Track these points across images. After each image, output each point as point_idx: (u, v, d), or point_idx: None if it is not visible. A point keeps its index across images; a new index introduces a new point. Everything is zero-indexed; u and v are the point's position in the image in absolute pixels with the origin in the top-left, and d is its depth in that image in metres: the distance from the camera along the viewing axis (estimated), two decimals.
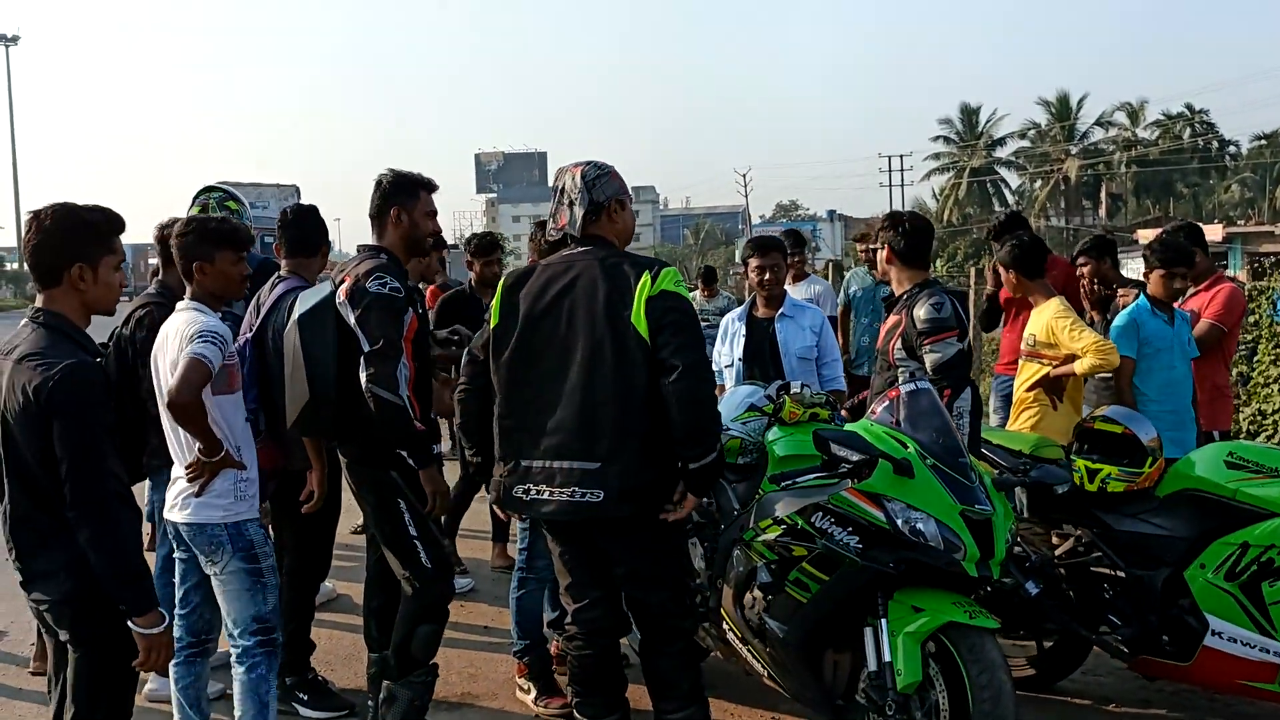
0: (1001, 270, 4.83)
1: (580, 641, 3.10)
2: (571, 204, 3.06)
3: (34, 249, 2.50)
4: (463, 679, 4.17)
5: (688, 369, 2.83)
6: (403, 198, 3.35)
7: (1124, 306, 4.70)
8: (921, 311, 3.75)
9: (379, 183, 3.39)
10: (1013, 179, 56.48)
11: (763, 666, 3.38)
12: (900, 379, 3.64)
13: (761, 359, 4.61)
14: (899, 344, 3.87)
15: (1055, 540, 3.83)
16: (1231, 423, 5.50)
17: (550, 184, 3.13)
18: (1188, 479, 3.51)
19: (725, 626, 3.51)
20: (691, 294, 10.76)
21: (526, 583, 3.93)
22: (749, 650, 3.40)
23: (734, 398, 3.96)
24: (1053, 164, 51.56)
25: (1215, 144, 52.06)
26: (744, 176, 68.07)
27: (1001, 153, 55.53)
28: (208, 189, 4.95)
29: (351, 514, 4.46)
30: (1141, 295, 4.57)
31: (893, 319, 3.92)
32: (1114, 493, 3.57)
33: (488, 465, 3.26)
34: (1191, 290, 4.96)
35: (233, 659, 3.19)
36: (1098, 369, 4.33)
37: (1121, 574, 3.58)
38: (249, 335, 3.67)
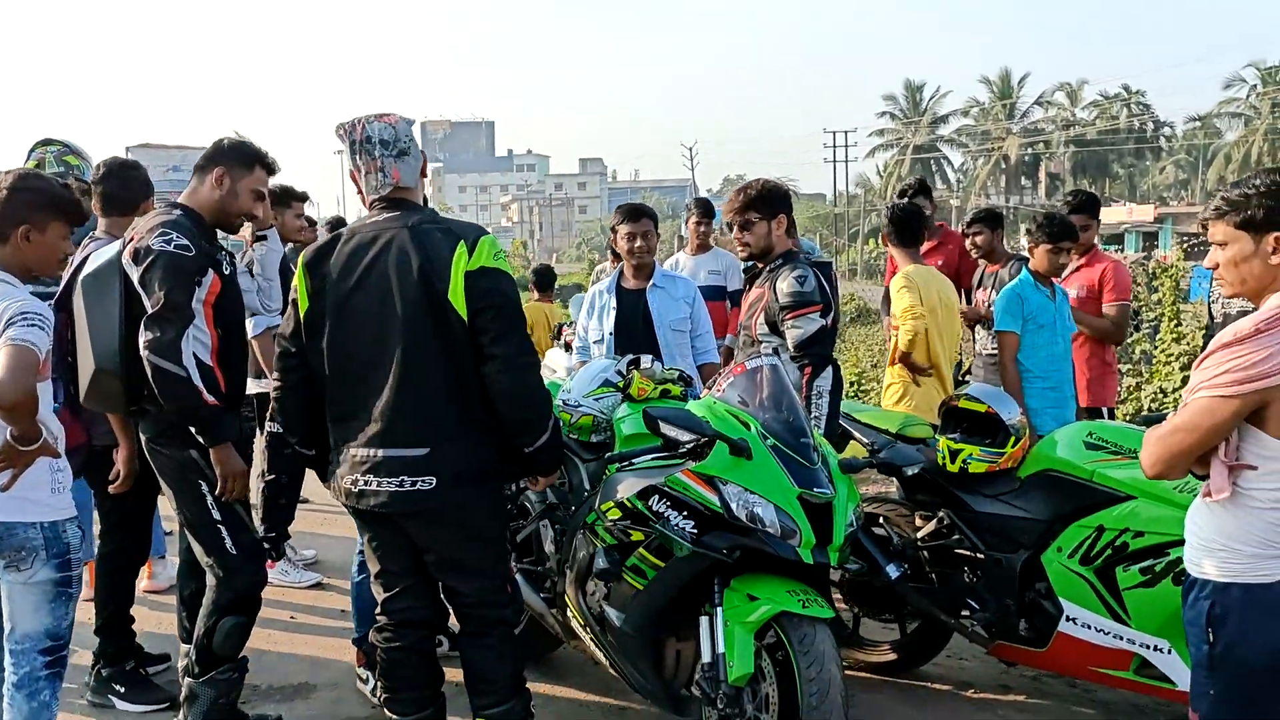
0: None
1: (389, 633, 2.85)
2: (404, 153, 2.75)
3: None
4: (304, 667, 3.94)
5: (507, 359, 2.62)
6: (234, 163, 3.13)
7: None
8: (784, 285, 3.60)
9: (219, 141, 3.17)
10: (955, 157, 57.14)
11: (605, 655, 3.20)
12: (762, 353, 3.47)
13: (634, 332, 4.37)
14: (761, 318, 3.70)
15: (919, 522, 3.70)
16: (1117, 398, 5.46)
17: (348, 138, 2.76)
18: (1048, 460, 3.38)
19: (570, 613, 3.32)
20: (601, 265, 10.36)
21: (365, 568, 3.69)
22: (591, 638, 3.22)
23: (588, 372, 3.74)
24: (994, 142, 52.15)
25: (1150, 125, 53.08)
26: (690, 150, 67.79)
27: (944, 130, 56.05)
28: (46, 141, 4.61)
29: None
30: (1024, 269, 4.45)
31: (755, 292, 3.75)
32: (975, 473, 3.44)
33: (323, 457, 2.97)
34: (1074, 264, 4.86)
35: (9, 682, 2.65)
36: (912, 334, 4.30)
37: (981, 556, 3.46)
38: (52, 300, 3.36)
